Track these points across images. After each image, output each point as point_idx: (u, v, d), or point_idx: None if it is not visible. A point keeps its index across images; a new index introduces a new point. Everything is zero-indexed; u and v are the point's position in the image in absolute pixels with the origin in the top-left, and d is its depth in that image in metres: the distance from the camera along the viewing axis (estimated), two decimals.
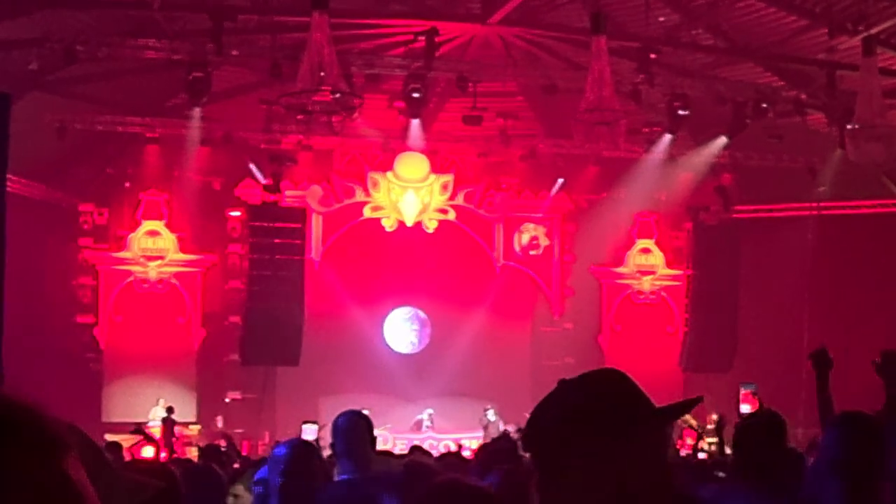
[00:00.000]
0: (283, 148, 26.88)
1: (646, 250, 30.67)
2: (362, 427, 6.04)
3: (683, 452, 15.87)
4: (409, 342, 29.63)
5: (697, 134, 27.35)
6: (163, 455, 20.01)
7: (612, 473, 2.27)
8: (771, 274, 27.58)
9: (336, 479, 5.99)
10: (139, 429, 12.79)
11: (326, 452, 7.52)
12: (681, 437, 18.53)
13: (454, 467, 6.89)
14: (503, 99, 26.64)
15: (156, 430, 24.28)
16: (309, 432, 9.97)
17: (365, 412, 6.38)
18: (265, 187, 26.62)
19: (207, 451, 11.52)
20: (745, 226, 29.23)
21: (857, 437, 4.55)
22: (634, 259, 30.62)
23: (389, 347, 29.33)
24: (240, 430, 25.58)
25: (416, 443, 18.30)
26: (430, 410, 27.52)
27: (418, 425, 27.49)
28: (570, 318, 30.07)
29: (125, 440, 20.47)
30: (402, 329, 29.65)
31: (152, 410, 24.54)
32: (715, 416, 18.63)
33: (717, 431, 10.93)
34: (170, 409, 23.57)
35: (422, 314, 29.54)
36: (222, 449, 14.00)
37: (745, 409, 7.47)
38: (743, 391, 7.71)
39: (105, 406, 26.13)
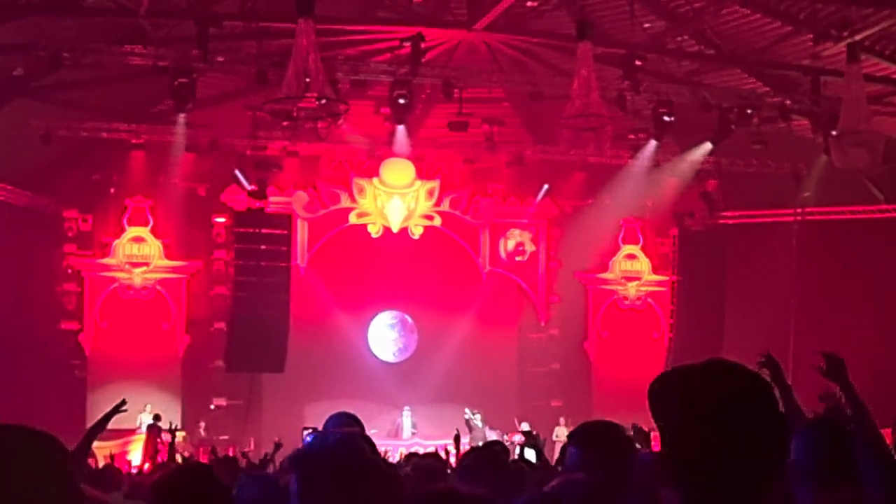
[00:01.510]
0: (268, 154, 26.83)
1: (631, 256, 30.71)
2: (352, 428, 6.01)
3: None
4: (392, 350, 29.55)
5: (682, 140, 27.39)
6: (146, 466, 19.98)
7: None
8: (756, 279, 27.64)
9: None
10: None
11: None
12: None
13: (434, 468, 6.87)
14: (489, 105, 26.64)
15: (140, 437, 24.27)
16: None
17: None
18: (251, 193, 26.58)
19: (220, 463, 11.44)
20: (730, 231, 29.30)
21: (827, 443, 4.60)
22: (620, 265, 30.65)
23: (374, 354, 29.30)
24: (225, 437, 25.54)
25: (403, 450, 18.26)
26: (407, 408, 27.51)
27: (399, 428, 27.46)
28: (557, 325, 30.09)
29: (110, 447, 20.41)
30: (384, 336, 29.57)
31: (139, 416, 24.48)
32: None
33: None
34: (156, 417, 23.51)
35: (409, 319, 29.49)
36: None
37: None
38: None
39: (90, 412, 25.95)
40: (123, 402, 8.19)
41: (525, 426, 23.24)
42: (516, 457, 10.76)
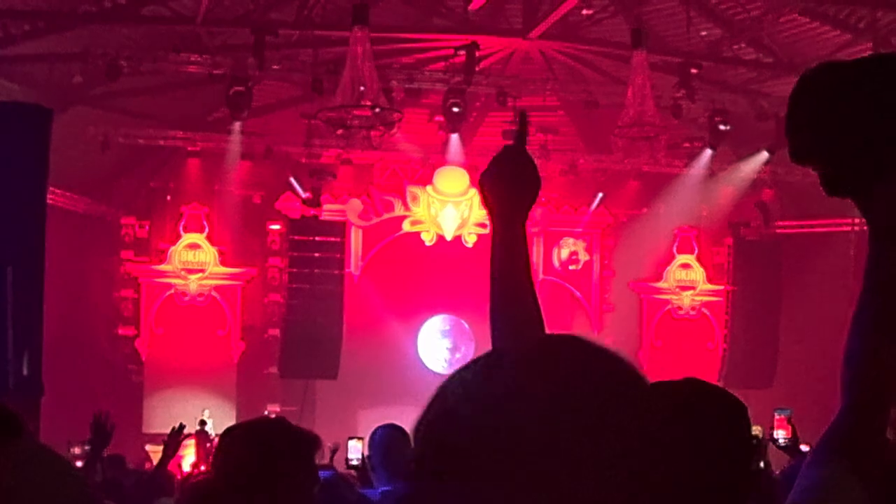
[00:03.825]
0: (323, 162, 26.94)
1: (686, 266, 30.49)
2: (398, 440, 6.03)
3: None
4: (445, 358, 29.41)
5: (738, 149, 27.23)
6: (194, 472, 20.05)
7: None
8: (812, 289, 27.38)
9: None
10: None
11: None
12: None
13: None
14: (543, 113, 26.56)
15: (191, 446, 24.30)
16: (353, 450, 9.84)
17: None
18: (305, 201, 26.67)
19: None
20: (786, 241, 29.07)
21: None
22: (674, 274, 30.45)
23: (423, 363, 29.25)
24: None
25: None
26: None
27: None
28: (610, 334, 29.90)
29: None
30: (436, 344, 29.48)
31: (207, 422, 24.45)
32: (758, 431, 18.50)
33: (759, 447, 10.71)
34: (202, 423, 23.58)
35: (465, 326, 29.33)
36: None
37: (780, 434, 7.30)
38: (777, 416, 7.44)
39: (146, 417, 26.19)
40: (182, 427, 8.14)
41: None
42: None
